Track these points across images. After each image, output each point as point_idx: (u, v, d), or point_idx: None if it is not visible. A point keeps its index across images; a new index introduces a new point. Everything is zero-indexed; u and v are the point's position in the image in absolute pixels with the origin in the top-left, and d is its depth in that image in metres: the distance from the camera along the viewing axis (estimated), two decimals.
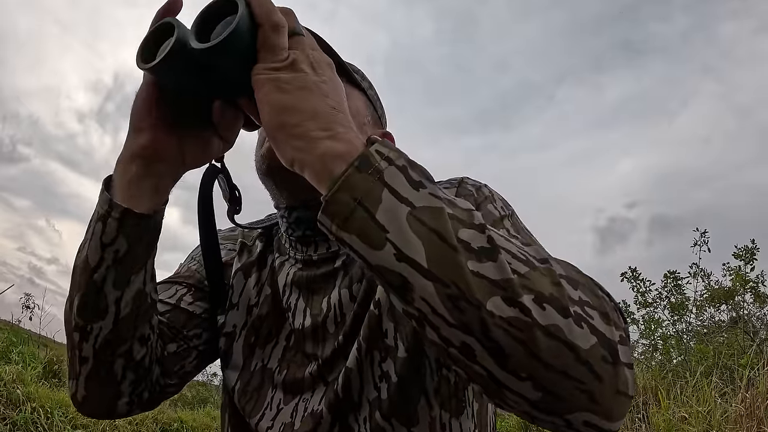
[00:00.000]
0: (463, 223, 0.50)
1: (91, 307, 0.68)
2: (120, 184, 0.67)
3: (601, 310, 0.51)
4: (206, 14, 0.58)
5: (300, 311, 0.83)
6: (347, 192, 0.50)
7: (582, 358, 0.47)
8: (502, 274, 0.47)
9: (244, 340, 0.86)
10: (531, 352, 0.46)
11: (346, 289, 0.80)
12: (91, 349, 0.70)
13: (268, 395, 0.83)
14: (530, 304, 0.47)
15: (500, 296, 0.47)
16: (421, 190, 0.51)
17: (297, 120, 0.53)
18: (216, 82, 0.61)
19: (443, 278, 0.47)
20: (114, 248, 0.67)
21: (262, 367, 0.85)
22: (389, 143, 0.54)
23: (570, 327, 0.47)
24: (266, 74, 0.55)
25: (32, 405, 4.00)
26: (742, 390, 3.80)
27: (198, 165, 0.72)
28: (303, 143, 0.53)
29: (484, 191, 0.79)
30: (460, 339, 0.48)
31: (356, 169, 0.50)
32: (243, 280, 0.90)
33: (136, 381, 0.75)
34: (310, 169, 0.53)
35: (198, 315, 0.87)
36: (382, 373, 0.74)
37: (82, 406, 0.76)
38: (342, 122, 0.54)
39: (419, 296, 0.48)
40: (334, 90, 0.57)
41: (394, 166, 0.51)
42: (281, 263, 0.89)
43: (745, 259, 6.37)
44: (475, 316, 0.47)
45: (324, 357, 0.79)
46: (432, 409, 0.73)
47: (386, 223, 0.49)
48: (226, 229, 1.00)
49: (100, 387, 0.74)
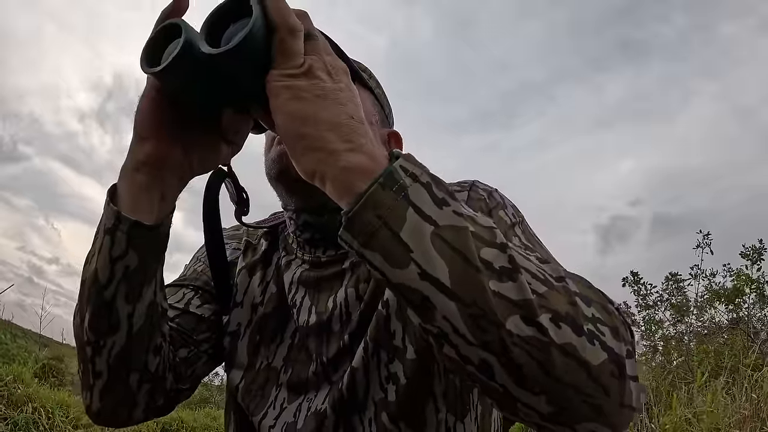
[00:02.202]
0: (485, 242, 0.50)
1: (103, 323, 0.67)
2: (126, 194, 0.65)
3: (612, 327, 0.52)
4: (216, 16, 0.55)
5: (305, 309, 0.83)
6: (371, 210, 0.49)
7: (592, 374, 0.49)
8: (522, 295, 0.48)
9: (248, 338, 0.86)
10: (546, 370, 0.48)
11: (353, 288, 0.79)
12: (105, 364, 0.68)
13: (272, 394, 0.83)
14: (547, 323, 0.48)
15: (519, 315, 0.47)
16: (445, 208, 0.50)
17: (316, 131, 0.52)
18: (226, 89, 0.58)
19: (465, 298, 0.47)
20: (124, 263, 0.65)
21: (267, 365, 0.84)
22: (413, 158, 0.53)
23: (583, 345, 0.49)
24: (282, 81, 0.53)
25: (33, 405, 3.97)
26: (747, 390, 3.81)
27: (206, 171, 0.71)
28: (324, 155, 0.51)
29: (495, 197, 0.79)
30: (480, 357, 0.48)
31: (380, 186, 0.49)
32: (247, 278, 0.90)
33: (151, 390, 0.75)
34: (332, 183, 0.52)
35: (207, 318, 0.86)
36: (389, 374, 0.73)
37: (97, 417, 0.74)
38: (362, 133, 0.53)
39: (441, 315, 0.48)
40: (352, 98, 0.55)
41: (418, 182, 0.51)
42: (288, 262, 0.88)
43: (752, 258, 6.31)
44: (496, 335, 0.47)
45: (328, 356, 0.79)
46: (439, 411, 0.73)
47: (410, 243, 0.48)
48: (231, 228, 0.99)
49: (115, 400, 0.72)
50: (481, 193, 0.79)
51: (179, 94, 0.61)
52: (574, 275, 0.57)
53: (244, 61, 0.53)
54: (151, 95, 0.62)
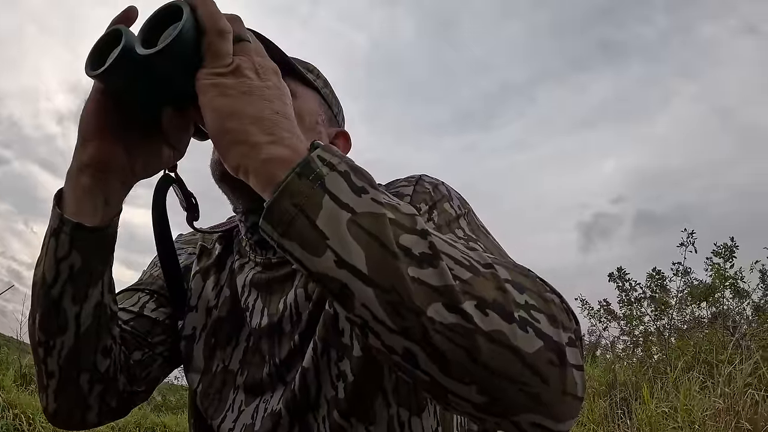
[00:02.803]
0: (404, 228, 0.50)
1: (52, 323, 0.68)
2: (70, 197, 0.66)
3: (548, 313, 0.51)
4: (153, 21, 0.58)
5: (258, 311, 0.83)
6: (288, 199, 0.50)
7: (527, 362, 0.48)
8: (443, 281, 0.48)
9: (204, 342, 0.86)
10: (473, 358, 0.47)
11: (302, 288, 0.79)
12: (56, 365, 0.70)
13: (229, 397, 0.83)
14: (472, 310, 0.47)
15: (441, 303, 0.47)
16: (363, 196, 0.50)
17: (240, 125, 0.53)
18: (162, 89, 0.61)
19: (383, 284, 0.47)
20: (68, 263, 0.66)
21: (223, 368, 0.85)
22: (333, 148, 0.54)
23: (514, 332, 0.48)
24: (210, 79, 0.55)
25: (14, 411, 3.95)
26: (722, 385, 3.88)
27: (149, 175, 0.72)
28: (246, 149, 0.53)
29: (441, 189, 0.78)
30: (402, 345, 0.48)
31: (297, 175, 0.50)
32: (201, 282, 0.90)
33: (103, 392, 0.76)
34: (254, 175, 0.53)
35: (161, 321, 0.87)
36: (339, 372, 0.73)
37: (54, 418, 0.76)
38: (286, 127, 0.54)
39: (360, 303, 0.48)
40: (279, 96, 0.57)
41: (336, 171, 0.51)
42: (241, 265, 0.88)
43: (724, 256, 6.48)
44: (416, 322, 0.47)
45: (281, 357, 0.79)
46: (390, 407, 0.73)
47: (326, 230, 0.49)
48: (188, 233, 1.00)
49: (69, 401, 0.74)
50: (427, 186, 0.78)
51: (121, 94, 0.64)
52: (511, 263, 0.58)
53: (176, 61, 0.56)
54: (95, 98, 0.64)
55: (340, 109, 0.96)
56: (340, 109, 0.96)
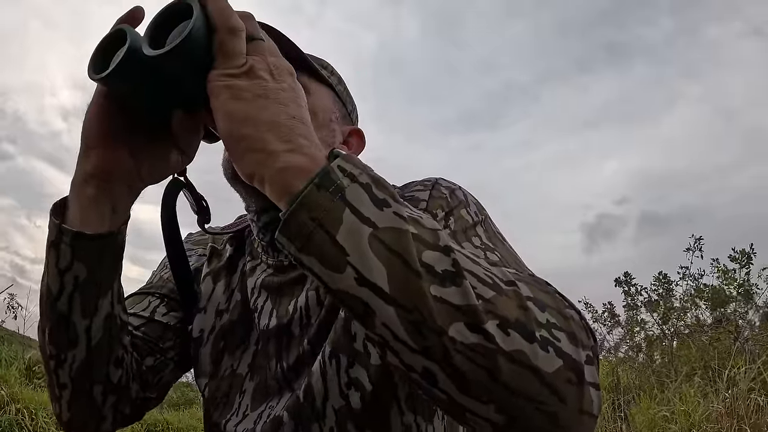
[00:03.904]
0: (427, 244, 0.48)
1: (62, 337, 0.66)
2: (75, 208, 0.64)
3: (568, 331, 0.50)
4: (160, 19, 0.55)
5: (266, 312, 0.82)
6: (306, 212, 0.47)
7: (546, 381, 0.47)
8: (465, 300, 0.46)
9: (212, 345, 0.85)
10: (494, 378, 0.46)
11: (314, 291, 0.77)
12: (68, 377, 0.69)
13: (236, 401, 0.82)
14: (494, 330, 0.46)
15: (463, 322, 0.46)
16: (385, 210, 0.48)
17: (255, 131, 0.50)
18: (171, 91, 0.58)
19: (405, 304, 0.46)
20: (72, 274, 0.64)
21: (231, 372, 0.83)
22: (353, 157, 0.52)
23: (535, 351, 0.47)
24: (222, 81, 0.52)
25: (16, 406, 3.97)
26: (723, 390, 3.86)
27: (156, 180, 0.69)
28: (262, 156, 0.50)
29: (458, 195, 0.76)
30: (422, 365, 0.47)
31: (316, 187, 0.47)
32: (212, 284, 0.89)
33: (116, 402, 0.74)
34: (270, 184, 0.50)
35: (173, 326, 0.85)
36: (350, 379, 0.71)
37: (68, 427, 0.75)
38: (303, 134, 0.52)
39: (381, 322, 0.47)
40: (295, 99, 0.54)
41: (357, 183, 0.49)
42: (252, 267, 0.87)
43: (741, 262, 6.19)
44: (437, 342, 0.46)
45: (289, 362, 0.78)
46: (404, 415, 0.72)
47: (347, 246, 0.46)
48: (197, 233, 0.98)
49: (82, 412, 0.73)
50: (443, 191, 0.76)
51: (126, 99, 0.61)
52: (531, 278, 0.56)
53: (186, 62, 0.53)
54: (99, 102, 0.61)
55: (354, 106, 0.94)
56: (354, 106, 0.94)
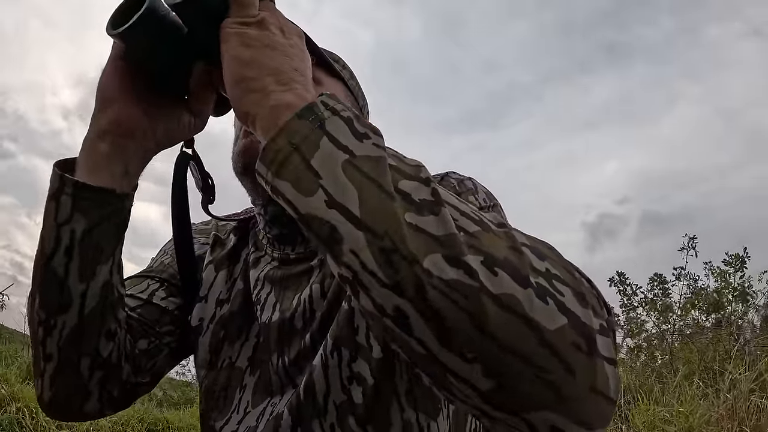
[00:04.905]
0: (406, 175, 0.46)
1: (53, 300, 0.64)
2: (85, 165, 0.62)
3: (575, 289, 0.43)
4: None
5: (269, 305, 0.80)
6: (285, 137, 0.48)
7: (545, 340, 0.39)
8: (444, 230, 0.42)
9: (211, 334, 0.83)
10: (478, 325, 0.39)
11: (318, 284, 0.76)
12: (56, 346, 0.66)
13: (236, 396, 0.80)
14: (477, 265, 0.40)
15: (441, 254, 0.41)
16: (365, 141, 0.48)
17: (256, 74, 0.53)
18: (189, 46, 0.60)
19: (376, 229, 0.42)
20: (70, 227, 0.61)
21: (230, 364, 0.82)
22: (341, 99, 0.52)
23: (530, 299, 0.40)
24: (234, 28, 0.54)
25: (17, 405, 3.96)
26: (724, 392, 3.86)
27: (171, 143, 0.69)
28: (258, 97, 0.52)
29: (467, 183, 0.76)
30: (394, 303, 0.41)
31: (297, 116, 0.49)
32: (213, 273, 0.87)
33: (104, 378, 0.71)
34: (260, 123, 0.52)
35: (170, 311, 0.83)
36: (352, 374, 0.69)
37: (50, 407, 0.71)
38: (301, 82, 0.53)
39: (348, 248, 0.43)
40: (300, 55, 0.56)
41: (338, 116, 0.49)
42: (256, 259, 0.85)
43: (735, 266, 6.15)
44: (410, 273, 0.40)
45: (290, 357, 0.76)
46: (404, 411, 0.69)
47: (321, 170, 0.46)
48: (200, 223, 0.97)
49: (66, 386, 0.69)
50: (452, 181, 0.77)
51: (142, 57, 0.62)
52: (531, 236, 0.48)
53: (202, 11, 0.56)
54: (114, 61, 0.62)
55: (365, 101, 0.94)
56: (366, 101, 0.94)
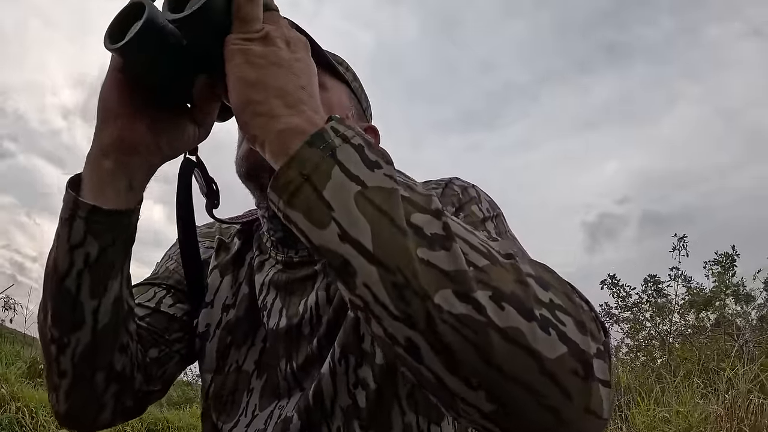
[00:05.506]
0: (417, 206, 0.46)
1: (66, 319, 0.64)
2: (90, 182, 0.62)
3: (576, 317, 0.46)
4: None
5: (276, 311, 0.80)
6: (296, 167, 0.47)
7: (546, 369, 0.42)
8: (455, 265, 0.43)
9: (218, 340, 0.83)
10: (485, 357, 0.42)
11: (324, 291, 0.76)
12: (70, 363, 0.66)
13: (243, 400, 0.81)
14: (485, 301, 0.42)
15: (451, 289, 0.42)
16: (376, 171, 0.48)
17: (263, 97, 0.52)
18: (190, 59, 0.58)
19: (388, 264, 0.43)
20: (84, 250, 0.62)
21: (237, 368, 0.82)
22: (350, 123, 0.52)
23: (533, 331, 0.42)
24: (238, 45, 0.53)
25: (17, 404, 3.97)
26: (722, 391, 3.86)
27: (175, 154, 0.68)
28: (266, 120, 0.51)
29: (470, 192, 0.77)
30: (405, 334, 0.44)
31: (307, 144, 0.48)
32: (219, 278, 0.87)
33: (119, 391, 0.72)
34: (269, 147, 0.51)
35: (179, 318, 0.84)
36: (358, 379, 0.71)
37: (64, 419, 0.72)
38: (308, 102, 0.52)
39: (362, 282, 0.44)
40: (306, 70, 0.55)
41: (349, 144, 0.49)
42: (261, 263, 0.86)
43: (724, 265, 6.20)
44: (421, 308, 0.42)
45: (298, 362, 0.77)
46: (405, 414, 0.71)
47: (333, 202, 0.46)
48: (203, 226, 0.97)
49: (81, 400, 0.70)
50: (456, 188, 0.77)
51: (144, 69, 0.60)
52: (534, 261, 0.52)
53: (205, 26, 0.54)
54: (114, 75, 0.61)
55: (368, 103, 0.94)
56: (369, 103, 0.94)
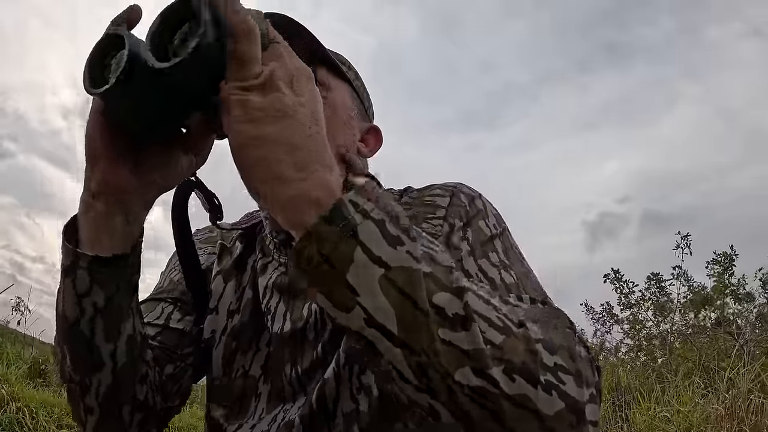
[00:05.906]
0: (439, 284, 0.48)
1: (86, 362, 0.65)
2: (86, 226, 0.61)
3: (575, 373, 0.51)
4: (162, 22, 0.49)
5: (280, 316, 0.80)
6: (316, 246, 0.46)
7: (547, 425, 0.48)
8: (473, 345, 0.47)
9: (224, 346, 0.83)
10: (498, 420, 0.48)
11: None
12: (95, 401, 0.67)
13: (251, 405, 0.81)
14: (499, 375, 0.47)
15: (469, 366, 0.47)
16: (399, 248, 0.47)
17: (269, 154, 0.47)
18: (179, 101, 0.52)
19: (413, 346, 0.46)
20: (91, 300, 0.62)
21: (243, 373, 0.82)
22: (369, 188, 0.48)
23: (537, 395, 0.48)
24: (236, 95, 0.48)
25: (17, 405, 3.97)
26: (723, 391, 3.86)
27: (169, 187, 0.66)
28: (274, 185, 0.48)
29: (477, 204, 0.76)
30: (427, 402, 0.49)
31: (326, 221, 0.46)
32: (222, 284, 0.87)
33: (143, 420, 0.74)
34: (282, 212, 0.48)
35: (189, 332, 0.84)
36: (361, 384, 0.71)
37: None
38: (319, 157, 0.48)
39: (387, 360, 0.48)
40: (313, 113, 0.50)
41: (370, 219, 0.47)
42: (264, 265, 0.85)
43: (723, 265, 6.23)
44: (443, 384, 0.47)
45: (303, 367, 0.77)
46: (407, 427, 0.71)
47: (357, 286, 0.46)
48: (204, 229, 0.97)
49: None
50: (463, 199, 0.76)
51: (127, 115, 0.55)
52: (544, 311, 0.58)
53: (196, 72, 0.48)
54: (97, 118, 0.57)
55: (370, 102, 0.93)
56: (371, 102, 0.93)
